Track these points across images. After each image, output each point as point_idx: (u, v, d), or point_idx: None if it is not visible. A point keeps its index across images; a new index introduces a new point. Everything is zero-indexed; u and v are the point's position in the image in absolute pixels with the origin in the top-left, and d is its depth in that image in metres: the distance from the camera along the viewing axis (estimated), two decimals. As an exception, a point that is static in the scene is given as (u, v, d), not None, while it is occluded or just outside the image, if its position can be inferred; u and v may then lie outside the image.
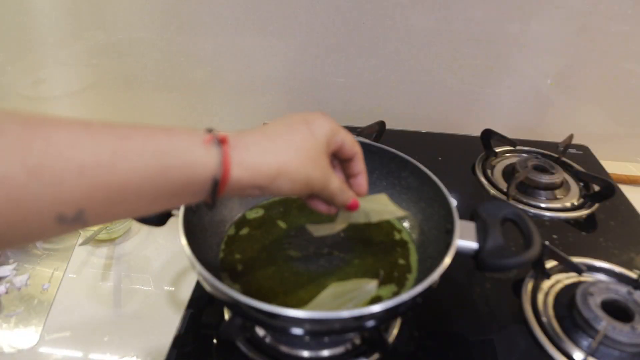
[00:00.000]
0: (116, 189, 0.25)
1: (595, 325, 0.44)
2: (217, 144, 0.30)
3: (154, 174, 0.27)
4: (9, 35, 0.83)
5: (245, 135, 0.32)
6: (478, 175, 0.72)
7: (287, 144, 0.33)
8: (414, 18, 0.75)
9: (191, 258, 0.37)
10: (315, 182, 0.34)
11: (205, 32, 0.81)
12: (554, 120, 0.84)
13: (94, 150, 0.25)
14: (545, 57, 0.77)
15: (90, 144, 0.25)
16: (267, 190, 0.32)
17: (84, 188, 0.24)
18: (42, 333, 0.48)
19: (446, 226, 0.43)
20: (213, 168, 0.29)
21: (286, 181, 0.32)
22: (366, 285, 0.43)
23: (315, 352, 0.43)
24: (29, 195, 0.23)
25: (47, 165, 0.23)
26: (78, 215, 0.25)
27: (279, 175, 0.32)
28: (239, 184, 0.30)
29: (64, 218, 0.24)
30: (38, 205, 0.23)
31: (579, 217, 0.64)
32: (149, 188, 0.27)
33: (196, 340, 0.45)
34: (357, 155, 0.39)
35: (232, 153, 0.30)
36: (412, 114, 0.86)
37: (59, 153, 0.24)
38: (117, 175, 0.25)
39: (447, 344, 0.46)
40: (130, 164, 0.26)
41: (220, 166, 0.29)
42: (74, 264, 0.57)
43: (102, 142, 0.25)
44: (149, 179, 0.27)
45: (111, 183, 0.25)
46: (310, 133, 0.35)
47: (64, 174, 0.23)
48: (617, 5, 0.70)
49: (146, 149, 0.27)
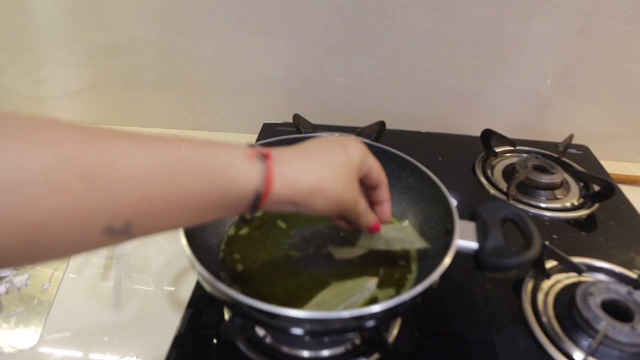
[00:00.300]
0: (164, 201, 0.26)
1: (595, 325, 0.44)
2: (261, 158, 0.30)
3: (200, 186, 0.27)
4: (9, 35, 0.83)
5: (286, 152, 0.33)
6: (478, 175, 0.72)
7: (325, 164, 0.34)
8: (414, 18, 0.75)
9: (191, 258, 0.37)
10: (346, 203, 0.35)
11: (205, 32, 0.81)
12: (554, 120, 0.84)
13: (145, 162, 0.25)
14: (545, 57, 0.77)
15: (141, 155, 0.25)
16: (302, 207, 0.33)
17: (133, 199, 0.24)
18: (42, 333, 0.48)
19: (446, 226, 0.43)
20: (256, 182, 0.30)
21: (321, 199, 0.33)
22: (366, 283, 0.43)
23: (315, 352, 0.43)
24: (81, 205, 0.23)
25: (100, 175, 0.23)
26: (125, 226, 0.25)
27: (316, 192, 0.33)
28: (278, 198, 0.31)
29: (112, 229, 0.24)
30: (89, 214, 0.23)
31: (579, 217, 0.64)
32: (194, 200, 0.27)
33: (196, 340, 0.45)
34: (383, 184, 0.41)
35: (275, 168, 0.31)
36: (412, 114, 0.86)
37: (112, 163, 0.24)
38: (165, 188, 0.26)
39: (447, 344, 0.46)
40: (178, 177, 0.26)
41: (263, 181, 0.30)
42: (74, 264, 0.57)
43: (152, 154, 0.26)
44: (195, 192, 0.27)
45: (160, 195, 0.25)
46: (347, 156, 0.36)
47: (115, 185, 0.24)
48: (617, 5, 0.70)
49: (193, 163, 0.27)
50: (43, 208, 0.21)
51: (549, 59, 0.77)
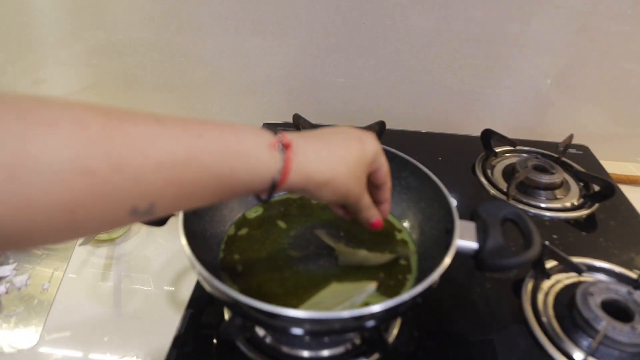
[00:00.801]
0: (187, 185, 0.27)
1: (595, 325, 0.44)
2: (281, 149, 0.32)
3: (222, 173, 0.29)
4: (9, 35, 0.83)
5: (305, 141, 0.34)
6: (478, 175, 0.72)
7: (341, 157, 0.35)
8: (414, 18, 0.75)
9: (191, 258, 0.37)
10: (352, 196, 0.37)
11: (205, 32, 0.81)
12: (554, 120, 0.84)
13: (171, 147, 0.26)
14: (545, 57, 0.77)
15: (167, 141, 0.26)
16: (310, 194, 0.35)
17: (159, 183, 0.25)
18: (42, 333, 0.48)
19: (446, 226, 0.43)
20: (274, 172, 0.31)
21: (330, 190, 0.34)
22: (365, 286, 0.43)
23: (315, 352, 0.43)
24: (109, 188, 0.23)
25: (128, 160, 0.24)
26: (150, 208, 0.26)
27: (327, 184, 0.34)
28: (291, 186, 0.33)
29: (137, 210, 0.25)
30: (116, 198, 0.24)
31: (579, 217, 0.64)
32: (215, 185, 0.29)
33: (196, 340, 0.45)
34: (387, 185, 0.41)
35: (293, 158, 0.32)
36: (412, 114, 0.86)
37: (139, 148, 0.25)
38: (189, 173, 0.27)
39: (447, 344, 0.46)
40: (201, 163, 0.27)
41: (281, 171, 0.31)
42: (74, 264, 0.57)
43: (178, 140, 0.26)
44: (217, 177, 0.28)
45: (184, 180, 0.27)
46: (362, 150, 0.37)
47: (142, 169, 0.24)
48: (617, 5, 0.70)
49: (216, 149, 0.28)
50: (75, 191, 0.22)
51: (549, 59, 0.77)
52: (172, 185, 0.26)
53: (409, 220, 0.51)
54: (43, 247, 0.59)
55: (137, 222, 0.27)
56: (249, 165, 0.30)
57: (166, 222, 0.43)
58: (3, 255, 0.57)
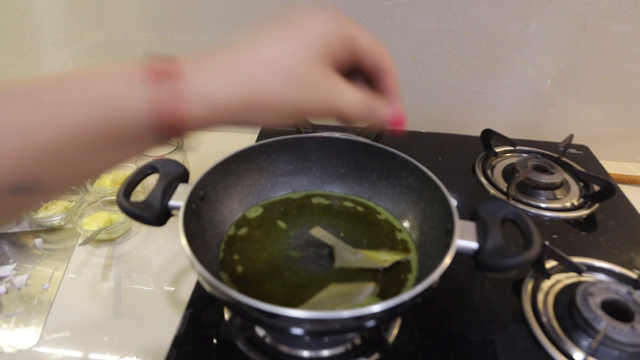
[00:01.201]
0: (49, 148, 0.23)
1: (595, 325, 0.44)
2: (153, 81, 0.24)
3: (86, 126, 0.23)
4: (9, 35, 0.83)
5: (211, 59, 0.26)
6: (478, 175, 0.72)
7: (268, 63, 0.25)
8: (413, 18, 0.75)
9: (191, 258, 0.37)
10: (309, 106, 0.27)
11: (205, 32, 0.81)
12: (554, 120, 0.84)
13: (20, 109, 0.22)
14: (545, 57, 0.77)
15: (12, 105, 0.23)
16: (237, 125, 0.26)
17: (17, 153, 0.22)
18: (42, 333, 0.48)
19: (446, 226, 0.43)
20: (154, 109, 0.24)
21: (259, 115, 0.26)
22: (364, 286, 0.43)
23: (315, 352, 0.43)
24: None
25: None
26: (23, 184, 0.23)
27: (248, 108, 0.25)
28: (194, 123, 0.25)
29: (17, 187, 0.23)
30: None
31: (579, 217, 0.64)
32: (85, 143, 0.24)
33: (196, 340, 0.45)
34: (385, 67, 0.30)
35: (184, 87, 0.24)
36: (412, 114, 0.86)
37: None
38: (46, 134, 0.23)
39: (447, 344, 0.46)
40: (57, 121, 0.23)
41: (155, 109, 0.24)
42: (74, 264, 0.57)
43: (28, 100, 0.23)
44: (81, 133, 0.23)
45: (42, 143, 0.23)
46: (296, 41, 0.26)
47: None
48: (617, 5, 0.70)
49: (72, 101, 0.23)
50: None
51: (549, 59, 0.77)
52: (32, 151, 0.22)
53: (409, 220, 0.51)
54: (43, 247, 0.59)
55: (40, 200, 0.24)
56: (115, 110, 0.24)
57: (166, 222, 0.43)
58: (3, 256, 0.57)
